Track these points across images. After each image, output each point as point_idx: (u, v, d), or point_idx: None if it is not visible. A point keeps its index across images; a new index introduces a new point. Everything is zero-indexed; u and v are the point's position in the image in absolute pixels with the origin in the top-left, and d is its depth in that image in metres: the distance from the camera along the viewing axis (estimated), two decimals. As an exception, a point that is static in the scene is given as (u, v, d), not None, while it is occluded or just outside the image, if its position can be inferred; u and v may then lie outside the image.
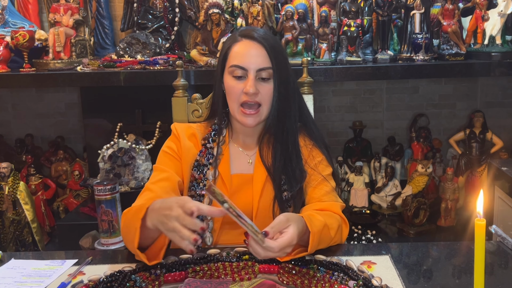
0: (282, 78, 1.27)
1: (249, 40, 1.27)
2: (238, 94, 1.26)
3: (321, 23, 2.26)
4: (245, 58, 1.26)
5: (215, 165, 1.32)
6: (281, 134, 1.31)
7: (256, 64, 1.25)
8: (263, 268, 1.12)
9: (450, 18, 2.23)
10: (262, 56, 1.25)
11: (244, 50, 1.26)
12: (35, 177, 2.53)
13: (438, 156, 2.63)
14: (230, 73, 1.28)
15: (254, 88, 1.24)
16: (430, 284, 1.06)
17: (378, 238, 2.31)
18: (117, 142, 2.20)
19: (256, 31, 1.29)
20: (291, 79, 1.33)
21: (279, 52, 1.29)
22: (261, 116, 1.29)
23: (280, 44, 1.36)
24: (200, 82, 2.14)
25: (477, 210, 0.80)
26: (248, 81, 1.24)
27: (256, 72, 1.25)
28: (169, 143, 1.36)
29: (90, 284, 1.07)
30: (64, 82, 2.26)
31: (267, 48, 1.26)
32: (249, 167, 1.35)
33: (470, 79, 2.73)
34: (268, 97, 1.27)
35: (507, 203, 1.93)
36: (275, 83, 1.27)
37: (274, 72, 1.26)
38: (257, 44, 1.26)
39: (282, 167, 1.29)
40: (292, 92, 1.32)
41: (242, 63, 1.25)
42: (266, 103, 1.28)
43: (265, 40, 1.27)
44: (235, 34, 1.31)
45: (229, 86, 1.28)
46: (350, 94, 2.79)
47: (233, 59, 1.27)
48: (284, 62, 1.30)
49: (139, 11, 2.48)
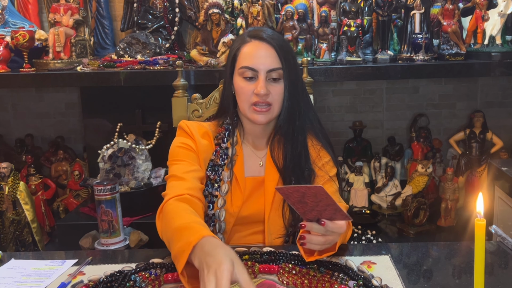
0: (292, 78, 1.28)
1: (258, 41, 1.27)
2: (249, 95, 1.26)
3: (321, 23, 2.26)
4: (255, 59, 1.25)
5: (230, 166, 1.32)
6: (292, 134, 1.31)
7: (266, 65, 1.25)
8: (263, 268, 1.12)
9: (450, 18, 2.23)
10: (271, 56, 1.25)
11: (253, 51, 1.26)
12: (35, 177, 2.52)
13: (438, 156, 2.63)
14: (240, 75, 1.27)
15: (265, 89, 1.24)
16: (430, 284, 1.06)
17: (378, 238, 2.31)
18: (117, 142, 2.20)
19: (264, 32, 1.29)
20: (300, 78, 1.34)
21: (288, 52, 1.29)
22: (273, 113, 1.28)
23: (289, 44, 1.35)
24: (200, 82, 2.14)
25: (477, 210, 0.80)
26: (259, 83, 1.24)
27: (266, 73, 1.25)
28: (183, 140, 1.31)
29: (90, 284, 1.07)
30: (64, 82, 2.26)
31: (276, 48, 1.26)
32: (260, 170, 1.35)
33: (470, 79, 2.73)
34: (279, 97, 1.27)
35: (507, 203, 1.93)
36: (286, 83, 1.27)
37: (284, 72, 1.26)
38: (266, 45, 1.26)
39: (292, 167, 1.30)
40: (302, 92, 1.32)
41: (252, 64, 1.25)
42: (277, 103, 1.28)
43: (274, 40, 1.27)
44: (244, 35, 1.31)
45: (240, 87, 1.28)
46: (350, 94, 2.79)
47: (242, 60, 1.27)
48: (293, 61, 1.30)
49: (139, 11, 2.48)
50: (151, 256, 1.18)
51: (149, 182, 2.21)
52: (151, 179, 2.23)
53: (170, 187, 1.22)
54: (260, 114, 1.27)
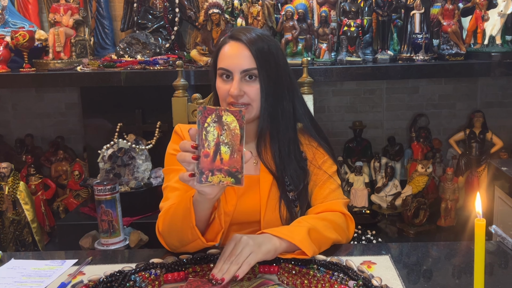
0: (270, 78, 1.26)
1: (235, 42, 1.27)
2: (225, 95, 1.27)
3: (321, 23, 2.26)
4: (230, 60, 1.26)
5: None
6: (276, 133, 1.30)
7: (239, 66, 1.24)
8: (263, 268, 1.12)
9: (450, 18, 2.23)
10: (246, 57, 1.25)
11: (229, 52, 1.26)
12: (35, 177, 2.52)
13: (438, 156, 2.63)
14: (219, 76, 1.28)
15: (238, 90, 1.23)
16: (430, 284, 1.06)
17: (378, 238, 2.32)
18: (117, 142, 2.20)
19: (244, 32, 1.27)
20: (283, 78, 1.30)
21: (267, 52, 1.27)
22: (251, 113, 1.27)
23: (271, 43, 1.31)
24: (200, 82, 2.13)
25: (477, 210, 0.80)
26: (233, 83, 1.24)
27: (240, 74, 1.25)
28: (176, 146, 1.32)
29: (90, 284, 1.07)
30: (64, 82, 2.26)
31: (251, 48, 1.24)
32: (255, 168, 1.35)
33: (470, 79, 2.73)
34: (255, 97, 1.26)
35: (507, 203, 1.93)
36: (261, 83, 1.25)
37: (260, 72, 1.25)
38: (241, 45, 1.25)
39: (283, 166, 1.30)
40: (284, 91, 1.30)
41: (227, 65, 1.26)
42: (255, 102, 1.26)
43: (250, 41, 1.25)
44: (226, 36, 1.32)
45: (218, 87, 1.29)
46: (350, 94, 2.79)
47: (220, 61, 1.28)
48: (273, 61, 1.27)
49: (139, 11, 2.48)
50: (151, 256, 1.18)
51: (149, 182, 2.21)
52: (151, 179, 2.23)
53: (165, 198, 1.27)
54: None
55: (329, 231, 1.22)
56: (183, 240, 1.17)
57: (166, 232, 1.22)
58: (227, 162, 0.98)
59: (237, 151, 0.98)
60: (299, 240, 1.12)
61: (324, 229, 1.21)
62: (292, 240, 1.12)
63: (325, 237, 1.20)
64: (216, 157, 0.97)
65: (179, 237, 1.17)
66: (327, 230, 1.21)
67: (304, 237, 1.13)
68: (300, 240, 1.12)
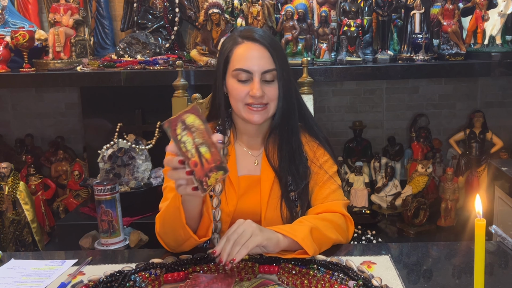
0: (285, 78, 1.28)
1: (251, 42, 1.26)
2: (243, 96, 1.26)
3: (321, 23, 2.26)
4: (248, 61, 1.25)
5: None
6: (286, 133, 1.31)
7: (260, 67, 1.24)
8: (263, 268, 1.12)
9: (450, 18, 2.23)
10: (265, 57, 1.25)
11: (246, 52, 1.25)
12: (35, 177, 2.52)
13: (438, 156, 2.63)
14: (234, 77, 1.26)
15: (260, 91, 1.24)
16: (430, 284, 1.06)
17: (378, 238, 2.32)
18: (117, 142, 2.20)
19: (256, 32, 1.28)
20: (292, 77, 1.34)
21: (280, 52, 1.30)
22: (268, 112, 1.28)
23: (279, 43, 1.36)
24: (200, 82, 2.13)
25: (477, 210, 0.80)
26: (254, 85, 1.24)
27: (261, 75, 1.25)
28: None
29: (90, 284, 1.07)
30: (64, 82, 2.26)
31: (269, 49, 1.25)
32: (255, 168, 1.35)
33: (470, 79, 2.73)
34: (274, 97, 1.27)
35: (507, 203, 1.93)
36: (280, 83, 1.27)
37: (278, 72, 1.26)
38: (259, 46, 1.26)
39: (288, 166, 1.30)
40: (294, 91, 1.33)
41: (246, 66, 1.24)
42: (273, 102, 1.28)
43: (266, 41, 1.26)
44: (235, 36, 1.30)
45: (233, 88, 1.27)
46: (350, 94, 2.79)
47: (236, 62, 1.26)
48: (285, 61, 1.31)
49: (139, 11, 2.48)
50: (151, 256, 1.18)
51: (149, 182, 2.21)
52: (151, 179, 2.23)
53: (165, 199, 1.27)
54: (256, 114, 1.26)
55: (330, 231, 1.22)
56: (178, 240, 1.17)
57: (162, 233, 1.22)
58: (211, 159, 0.99)
59: (211, 144, 1.00)
60: (301, 238, 1.12)
61: (326, 229, 1.21)
62: (295, 238, 1.12)
63: (326, 237, 1.20)
64: (202, 160, 0.99)
65: (174, 237, 1.18)
66: (329, 230, 1.21)
67: (306, 235, 1.13)
68: (302, 238, 1.12)
